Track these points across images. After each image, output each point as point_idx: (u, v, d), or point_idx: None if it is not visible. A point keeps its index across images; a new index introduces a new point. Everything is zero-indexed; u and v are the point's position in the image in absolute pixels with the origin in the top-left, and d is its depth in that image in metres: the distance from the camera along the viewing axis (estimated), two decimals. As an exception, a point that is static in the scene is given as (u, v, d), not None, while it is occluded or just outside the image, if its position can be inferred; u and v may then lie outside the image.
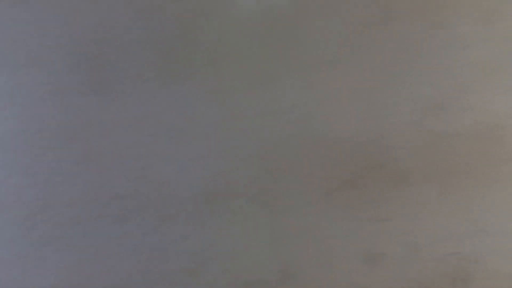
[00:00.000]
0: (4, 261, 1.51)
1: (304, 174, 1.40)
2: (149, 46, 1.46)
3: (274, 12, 1.43)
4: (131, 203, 1.46)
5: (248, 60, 1.43)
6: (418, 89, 1.37)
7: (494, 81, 1.35)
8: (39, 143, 1.49)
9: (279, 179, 1.41)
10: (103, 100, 1.47)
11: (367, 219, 1.37)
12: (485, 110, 1.35)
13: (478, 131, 1.35)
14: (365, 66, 1.39)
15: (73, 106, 1.48)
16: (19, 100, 1.50)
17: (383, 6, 1.39)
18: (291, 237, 1.40)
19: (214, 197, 1.44)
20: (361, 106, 1.38)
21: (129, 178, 1.46)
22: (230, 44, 1.43)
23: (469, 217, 1.34)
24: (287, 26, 1.42)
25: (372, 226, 1.36)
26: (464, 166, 1.34)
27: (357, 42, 1.39)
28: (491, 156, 1.34)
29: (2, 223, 1.50)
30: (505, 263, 1.32)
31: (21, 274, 1.50)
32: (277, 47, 1.42)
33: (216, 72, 1.44)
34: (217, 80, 1.44)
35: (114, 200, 1.47)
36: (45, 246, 1.49)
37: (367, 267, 1.36)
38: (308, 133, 1.40)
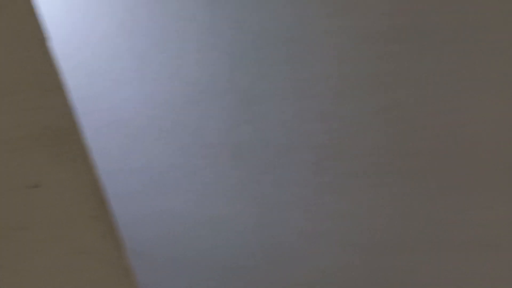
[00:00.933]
0: (284, 202, 1.54)
1: None
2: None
3: None
4: (422, 161, 1.37)
5: None
6: None
7: None
8: (341, 89, 1.46)
9: None
10: (413, 48, 1.35)
11: None
12: None
13: None
14: None
15: (382, 53, 1.40)
16: (333, 45, 1.46)
17: None
18: None
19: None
20: None
21: (428, 134, 1.35)
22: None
23: None
24: None
25: None
26: None
27: None
28: None
29: (289, 166, 1.53)
30: None
31: (294, 217, 1.52)
32: None
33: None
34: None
35: (405, 157, 1.39)
36: (325, 194, 1.49)
37: None
38: None
